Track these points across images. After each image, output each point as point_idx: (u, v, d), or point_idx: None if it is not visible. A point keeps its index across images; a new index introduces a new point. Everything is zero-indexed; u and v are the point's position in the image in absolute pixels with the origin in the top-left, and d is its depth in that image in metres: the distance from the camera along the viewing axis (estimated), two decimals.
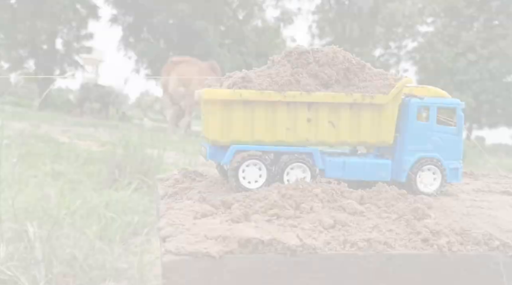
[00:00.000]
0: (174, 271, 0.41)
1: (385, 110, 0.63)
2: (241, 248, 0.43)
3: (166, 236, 0.45)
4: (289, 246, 0.43)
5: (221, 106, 0.60)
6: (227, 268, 0.42)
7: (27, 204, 2.15)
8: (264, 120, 0.61)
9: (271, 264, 0.43)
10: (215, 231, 0.44)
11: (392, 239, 0.47)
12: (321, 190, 0.54)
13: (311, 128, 0.62)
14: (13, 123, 8.04)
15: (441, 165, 0.62)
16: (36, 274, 1.47)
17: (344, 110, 0.62)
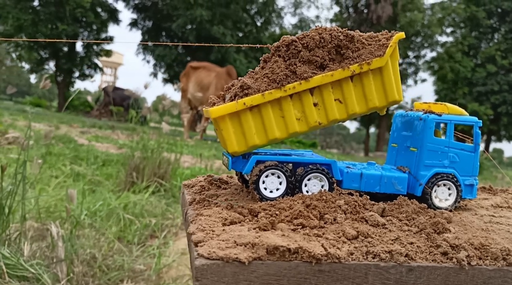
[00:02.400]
0: (205, 274, 0.44)
1: (386, 71, 0.64)
2: (269, 255, 0.45)
3: (198, 241, 0.47)
4: (314, 255, 0.45)
5: (231, 120, 0.62)
6: (255, 273, 0.45)
7: (49, 204, 2.21)
8: (273, 119, 0.62)
9: (297, 271, 0.45)
10: (244, 238, 0.47)
11: (413, 252, 0.49)
12: (344, 202, 0.57)
13: (320, 111, 0.63)
14: (33, 124, 8.21)
15: (457, 181, 0.64)
16: (58, 272, 1.51)
17: (346, 85, 0.63)
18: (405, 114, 0.71)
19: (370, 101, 0.64)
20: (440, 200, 0.64)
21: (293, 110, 0.62)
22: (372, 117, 25.27)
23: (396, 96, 0.65)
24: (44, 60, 21.76)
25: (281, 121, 0.62)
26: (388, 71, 0.64)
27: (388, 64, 0.63)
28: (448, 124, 0.65)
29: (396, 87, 0.65)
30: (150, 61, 21.85)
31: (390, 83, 0.64)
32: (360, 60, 0.63)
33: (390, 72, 0.64)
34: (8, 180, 1.72)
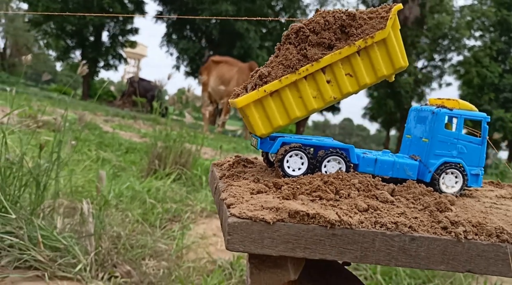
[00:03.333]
0: (236, 230, 0.51)
1: (389, 41, 0.69)
2: (290, 218, 0.53)
3: (230, 203, 0.55)
4: (329, 220, 0.53)
5: (255, 107, 0.69)
6: (278, 232, 0.52)
7: (78, 184, 2.33)
8: (292, 100, 0.68)
9: (313, 233, 0.53)
10: (269, 203, 0.55)
11: (416, 225, 0.55)
12: (358, 181, 0.64)
13: (333, 87, 0.69)
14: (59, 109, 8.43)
15: (464, 170, 0.70)
16: (88, 245, 1.62)
17: (354, 59, 0.68)
18: (419, 108, 0.77)
19: (378, 71, 0.70)
20: (447, 187, 0.70)
21: (309, 90, 0.69)
22: (394, 119, 24.97)
23: (402, 62, 0.71)
24: (71, 49, 22.18)
25: (299, 101, 0.69)
26: (391, 41, 0.69)
27: (391, 35, 0.69)
28: (458, 118, 0.71)
29: (401, 55, 0.71)
30: (173, 54, 22.05)
31: (395, 51, 0.70)
32: (364, 35, 0.68)
33: (393, 42, 0.70)
34: (42, 159, 1.83)
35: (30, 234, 1.58)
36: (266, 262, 0.57)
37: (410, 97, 23.52)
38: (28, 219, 1.61)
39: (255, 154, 6.00)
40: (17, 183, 1.69)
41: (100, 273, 1.62)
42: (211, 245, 2.24)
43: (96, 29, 21.65)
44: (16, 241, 1.55)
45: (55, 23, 20.95)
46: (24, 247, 1.55)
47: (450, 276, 2.10)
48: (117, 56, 22.71)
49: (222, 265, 1.95)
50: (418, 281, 2.11)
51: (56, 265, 1.54)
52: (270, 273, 0.58)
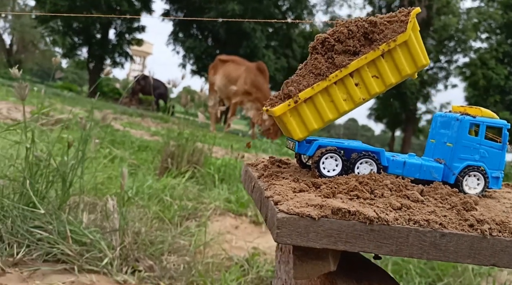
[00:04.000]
0: (285, 225, 0.57)
1: (411, 42, 0.74)
2: (333, 214, 0.58)
3: (278, 201, 0.61)
4: (368, 217, 0.58)
5: (291, 114, 0.75)
6: (322, 227, 0.58)
7: (97, 181, 2.40)
8: (325, 105, 0.73)
9: (354, 228, 0.58)
10: (313, 201, 0.60)
11: (446, 222, 0.61)
12: (390, 182, 0.69)
13: (362, 89, 0.74)
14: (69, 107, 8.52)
15: (485, 173, 0.76)
16: (113, 240, 1.68)
17: (379, 62, 0.74)
18: (444, 115, 0.83)
19: (402, 70, 0.75)
20: (470, 188, 0.76)
21: (339, 94, 0.75)
22: (399, 120, 24.94)
23: (423, 61, 0.76)
24: (77, 46, 22.30)
25: (331, 105, 0.75)
26: (412, 42, 0.75)
27: (411, 37, 0.75)
28: (481, 125, 0.77)
29: (422, 53, 0.76)
30: (179, 52, 22.11)
31: (416, 51, 0.75)
32: (387, 39, 0.74)
33: (414, 43, 0.75)
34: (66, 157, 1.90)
35: (58, 228, 1.64)
36: (309, 254, 0.63)
37: (416, 98, 23.49)
38: (56, 214, 1.68)
39: (263, 154, 6.06)
40: (45, 179, 1.76)
41: (124, 267, 1.69)
42: (226, 243, 2.30)
43: (103, 26, 21.77)
44: (45, 235, 1.62)
45: (62, 20, 21.06)
46: (52, 241, 1.62)
47: (460, 275, 2.15)
48: (124, 54, 22.81)
49: (239, 261, 2.01)
50: (428, 280, 2.17)
51: (83, 259, 1.61)
52: (313, 264, 0.64)
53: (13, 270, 1.55)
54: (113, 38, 22.68)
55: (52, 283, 1.50)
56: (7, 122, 4.90)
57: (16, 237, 1.64)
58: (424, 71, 23.48)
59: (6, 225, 1.65)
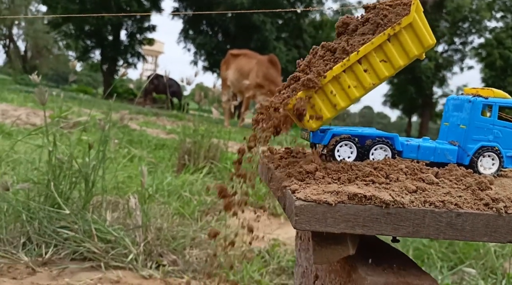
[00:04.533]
0: (303, 212, 0.59)
1: (415, 24, 0.73)
2: (349, 200, 0.60)
3: (295, 189, 0.63)
4: (384, 201, 0.60)
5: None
6: (339, 213, 0.60)
7: (118, 180, 2.45)
8: (335, 94, 0.74)
9: (370, 212, 0.60)
10: (330, 188, 0.62)
11: (461, 202, 0.62)
12: (405, 166, 0.70)
13: (371, 74, 0.74)
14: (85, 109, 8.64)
15: (500, 153, 0.76)
16: (137, 237, 1.73)
17: (386, 46, 0.73)
18: (456, 98, 0.84)
19: (409, 52, 0.75)
20: (485, 168, 0.77)
21: (349, 81, 0.76)
22: (415, 105, 24.62)
23: (429, 41, 0.76)
24: (90, 49, 22.55)
25: (342, 93, 0.76)
26: (417, 23, 0.75)
27: (416, 18, 0.74)
28: (494, 106, 0.77)
29: (428, 34, 0.76)
30: (190, 50, 22.18)
31: (422, 32, 0.75)
32: (391, 23, 0.74)
33: (419, 24, 0.75)
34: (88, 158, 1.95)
35: (84, 227, 1.69)
36: (328, 239, 0.65)
37: (431, 82, 23.15)
38: (80, 214, 1.73)
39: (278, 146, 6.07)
40: (68, 181, 1.81)
41: (149, 262, 1.73)
42: (247, 235, 2.33)
43: (114, 28, 21.95)
44: (72, 234, 1.67)
45: (74, 24, 21.30)
46: (79, 240, 1.67)
47: (482, 257, 2.15)
48: (136, 54, 22.98)
49: (260, 253, 2.04)
50: (450, 264, 2.16)
51: (109, 256, 1.66)
52: (332, 249, 0.66)
53: (43, 269, 1.61)
54: (125, 39, 22.85)
55: (80, 280, 1.55)
56: (27, 127, 5.01)
57: (44, 237, 1.69)
58: (439, 54, 23.10)
59: (34, 227, 1.70)
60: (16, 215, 1.73)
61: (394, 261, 0.75)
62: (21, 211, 1.71)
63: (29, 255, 1.64)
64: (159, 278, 1.64)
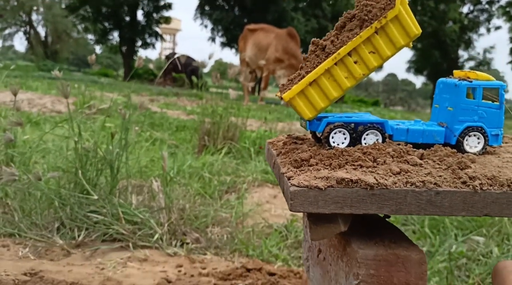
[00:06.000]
0: (296, 196, 0.67)
1: (401, 16, 0.77)
2: (338, 184, 0.67)
3: (290, 176, 0.70)
4: (369, 183, 0.67)
5: (299, 97, 0.80)
6: (329, 196, 0.67)
7: (141, 164, 2.57)
8: (329, 85, 0.79)
9: (357, 194, 0.67)
10: (321, 174, 0.69)
11: (440, 181, 0.68)
12: (392, 149, 0.77)
13: (361, 65, 0.78)
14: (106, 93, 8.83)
15: (485, 132, 0.81)
16: (161, 218, 1.85)
17: (374, 38, 0.78)
18: (445, 81, 0.88)
19: (396, 43, 0.79)
20: (471, 147, 0.83)
21: (340, 73, 0.82)
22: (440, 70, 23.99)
23: (415, 31, 0.79)
24: (108, 31, 22.71)
25: (334, 84, 0.82)
26: (402, 15, 0.78)
27: (401, 10, 0.78)
28: (478, 88, 0.82)
29: (413, 24, 0.81)
30: (207, 26, 22.08)
31: (407, 23, 0.79)
32: (377, 17, 0.78)
33: (404, 16, 0.79)
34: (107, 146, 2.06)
35: (111, 211, 1.82)
36: (321, 218, 0.73)
37: (457, 46, 22.47)
38: (108, 198, 1.85)
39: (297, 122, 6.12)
40: (94, 168, 1.93)
41: (173, 240, 1.86)
42: (266, 212, 2.43)
43: (131, 8, 21.99)
44: (101, 218, 1.80)
45: (91, 6, 21.44)
46: (108, 223, 1.80)
47: (496, 224, 2.19)
48: (153, 34, 23.04)
49: (278, 228, 2.14)
50: (465, 232, 2.22)
51: (136, 236, 1.78)
52: (325, 227, 0.73)
53: (76, 251, 1.74)
54: (142, 19, 22.88)
55: (111, 260, 1.69)
56: (52, 115, 5.20)
57: (75, 221, 1.83)
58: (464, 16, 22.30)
59: (66, 212, 1.84)
60: (49, 202, 1.87)
61: (387, 236, 0.82)
62: (53, 198, 1.85)
63: (64, 239, 1.78)
64: (184, 255, 1.76)
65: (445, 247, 2.00)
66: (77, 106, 4.90)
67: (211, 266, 1.70)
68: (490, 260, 1.89)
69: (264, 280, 1.57)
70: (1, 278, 1.46)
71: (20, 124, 1.75)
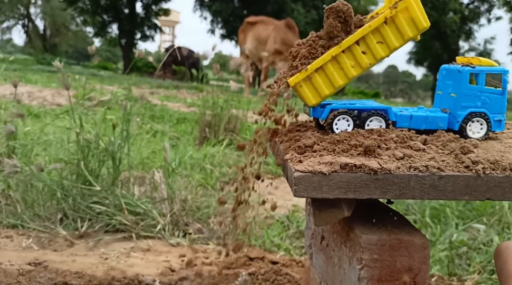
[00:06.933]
0: (301, 181, 0.67)
1: (411, 7, 0.77)
2: (341, 169, 0.67)
3: (294, 162, 0.71)
4: (372, 168, 0.67)
5: (305, 83, 0.81)
6: (332, 181, 0.67)
7: (143, 156, 2.58)
8: (335, 72, 0.79)
9: (361, 179, 0.67)
10: (325, 159, 0.69)
11: (443, 166, 0.68)
12: (395, 135, 0.77)
13: (368, 55, 0.79)
14: (107, 86, 8.82)
15: (488, 118, 0.82)
16: (163, 209, 1.85)
17: (383, 28, 0.78)
18: (448, 67, 0.89)
19: (405, 34, 0.80)
20: (473, 133, 0.83)
21: (347, 61, 0.81)
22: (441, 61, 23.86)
23: (424, 24, 0.80)
24: (107, 24, 22.59)
25: (340, 71, 0.82)
26: (412, 7, 0.79)
27: (411, 2, 0.79)
28: (480, 74, 0.82)
29: (422, 17, 0.80)
30: (207, 18, 21.95)
31: (417, 15, 0.80)
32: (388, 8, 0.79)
33: (414, 7, 0.79)
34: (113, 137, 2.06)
35: (114, 202, 1.83)
36: (325, 204, 0.73)
37: (457, 36, 22.37)
38: (110, 189, 1.86)
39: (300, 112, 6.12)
40: (96, 159, 1.93)
41: (176, 231, 1.87)
42: (267, 202, 2.43)
43: (130, 1, 21.86)
44: (104, 209, 1.81)
45: None
46: (111, 214, 1.81)
47: (497, 213, 2.20)
48: (153, 26, 22.92)
49: (280, 219, 2.15)
50: (466, 221, 2.23)
51: (139, 227, 1.79)
52: (329, 212, 0.74)
53: (80, 241, 1.75)
54: (141, 11, 22.74)
55: (115, 250, 1.70)
56: (53, 108, 5.19)
57: (78, 212, 1.84)
58: (465, 6, 22.19)
59: (69, 203, 1.85)
60: (51, 193, 1.88)
61: (390, 221, 0.82)
62: (56, 189, 1.85)
63: (67, 229, 1.79)
64: (186, 245, 1.77)
65: (446, 236, 2.01)
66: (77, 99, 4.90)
67: (213, 256, 1.72)
68: (491, 248, 1.90)
69: (267, 269, 1.58)
70: (6, 267, 1.47)
71: (21, 116, 1.75)
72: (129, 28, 22.16)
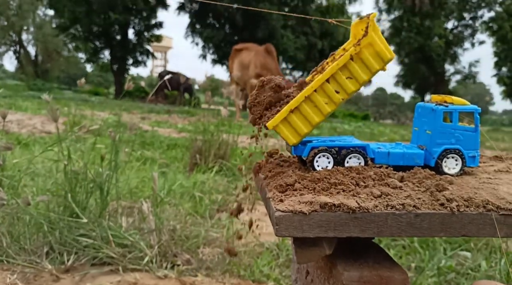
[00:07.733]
0: (282, 221, 0.69)
1: (374, 42, 0.81)
2: (321, 208, 0.69)
3: (275, 201, 0.73)
4: (351, 207, 0.69)
5: (282, 124, 0.82)
6: (312, 220, 0.69)
7: (132, 185, 2.58)
8: (310, 111, 0.82)
9: (340, 218, 0.69)
10: (305, 198, 0.71)
11: (419, 204, 0.70)
12: (373, 172, 0.79)
13: (340, 91, 0.83)
14: (97, 112, 8.82)
15: (462, 154, 0.85)
16: (151, 240, 1.85)
17: (350, 65, 0.82)
18: (423, 105, 0.92)
19: (371, 67, 0.83)
20: (449, 169, 0.85)
21: (321, 99, 0.85)
22: (427, 84, 24.34)
23: (388, 55, 0.83)
24: (99, 50, 22.78)
25: (315, 110, 0.85)
26: (375, 42, 0.82)
27: (374, 37, 0.82)
28: (454, 113, 0.85)
29: (386, 49, 0.84)
30: (198, 43, 22.25)
31: (381, 49, 0.83)
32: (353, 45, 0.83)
33: (377, 42, 0.82)
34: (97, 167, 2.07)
35: (101, 234, 1.82)
36: (306, 242, 0.75)
37: (443, 60, 22.87)
38: (97, 221, 1.85)
39: None
40: (84, 190, 1.93)
41: (164, 263, 1.85)
42: (257, 230, 2.44)
43: (122, 27, 22.11)
44: (91, 241, 1.80)
45: (82, 25, 21.52)
46: (97, 246, 1.80)
47: (484, 237, 2.22)
48: (145, 52, 23.15)
49: (270, 247, 2.15)
50: (454, 245, 2.24)
51: (126, 259, 1.78)
52: (310, 250, 0.75)
53: (66, 276, 1.74)
54: (133, 37, 22.99)
55: (101, 284, 1.68)
56: (43, 136, 5.18)
57: (65, 246, 1.82)
58: (449, 31, 22.76)
59: (55, 236, 1.83)
60: (38, 226, 1.86)
61: (371, 257, 0.84)
62: (43, 222, 1.84)
63: (53, 263, 1.77)
64: (174, 278, 1.76)
65: (434, 262, 2.02)
66: (67, 126, 4.89)
67: None
68: (479, 274, 1.91)
69: None
70: None
71: (9, 149, 1.75)
72: (121, 54, 22.36)
